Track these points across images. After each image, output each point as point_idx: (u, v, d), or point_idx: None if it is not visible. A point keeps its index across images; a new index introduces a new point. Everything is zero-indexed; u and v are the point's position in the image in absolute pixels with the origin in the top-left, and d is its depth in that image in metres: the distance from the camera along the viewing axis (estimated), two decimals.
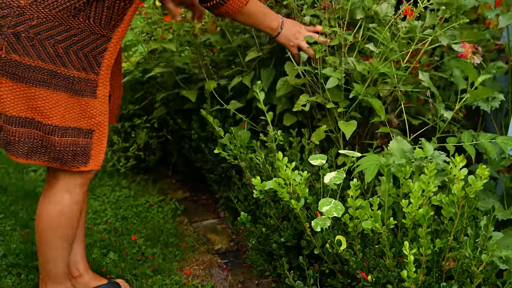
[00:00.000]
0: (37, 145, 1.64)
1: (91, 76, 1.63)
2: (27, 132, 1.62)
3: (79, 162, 1.68)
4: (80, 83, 1.62)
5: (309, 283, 1.58)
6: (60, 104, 1.61)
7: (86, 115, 1.65)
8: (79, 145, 1.67)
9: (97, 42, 1.62)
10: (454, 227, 1.40)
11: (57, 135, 1.63)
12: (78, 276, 1.99)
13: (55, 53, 1.57)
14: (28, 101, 1.59)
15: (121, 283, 2.04)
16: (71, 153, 1.66)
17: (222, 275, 2.17)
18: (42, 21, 1.54)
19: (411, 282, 1.32)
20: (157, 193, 2.77)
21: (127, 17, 1.64)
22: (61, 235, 1.78)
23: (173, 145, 2.81)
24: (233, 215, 2.42)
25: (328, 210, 1.47)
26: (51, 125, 1.62)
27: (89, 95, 1.64)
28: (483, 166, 1.35)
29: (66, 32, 1.57)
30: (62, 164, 1.67)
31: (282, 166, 1.53)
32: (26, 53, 1.55)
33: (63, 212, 1.75)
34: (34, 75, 1.57)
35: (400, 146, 1.67)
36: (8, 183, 2.77)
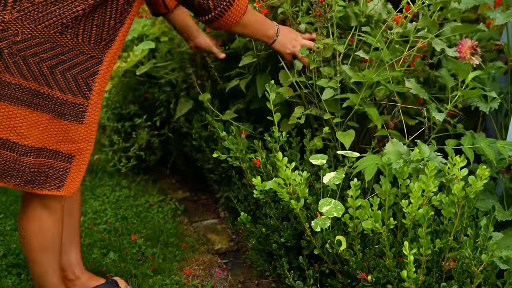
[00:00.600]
0: (8, 168, 1.55)
1: (79, 100, 1.55)
2: (1, 153, 1.53)
3: (51, 186, 1.60)
4: (64, 105, 1.54)
5: (309, 283, 1.58)
6: (39, 124, 1.53)
7: (68, 140, 1.57)
8: (53, 168, 1.59)
9: (87, 64, 1.54)
10: (454, 227, 1.40)
11: (32, 156, 1.55)
12: (75, 279, 1.96)
13: (39, 72, 1.50)
14: (5, 121, 1.50)
15: (119, 281, 2.03)
16: (43, 175, 1.58)
17: (222, 275, 2.17)
18: (27, 37, 1.47)
19: (411, 282, 1.32)
20: (157, 193, 2.77)
21: (118, 38, 1.57)
22: (45, 251, 1.73)
23: (173, 145, 2.81)
24: (233, 215, 2.42)
25: (328, 210, 1.47)
26: (27, 146, 1.54)
27: (74, 120, 1.56)
28: (483, 167, 1.35)
29: (52, 50, 1.49)
30: (33, 187, 1.59)
31: (282, 166, 1.53)
32: (7, 69, 1.47)
33: (46, 231, 1.70)
34: (14, 93, 1.49)
35: (396, 149, 1.67)
36: None
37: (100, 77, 1.57)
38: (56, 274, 1.79)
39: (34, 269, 1.76)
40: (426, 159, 1.59)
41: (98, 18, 1.52)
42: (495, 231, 1.47)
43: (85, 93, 1.55)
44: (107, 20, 1.53)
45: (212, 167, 2.41)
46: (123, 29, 1.57)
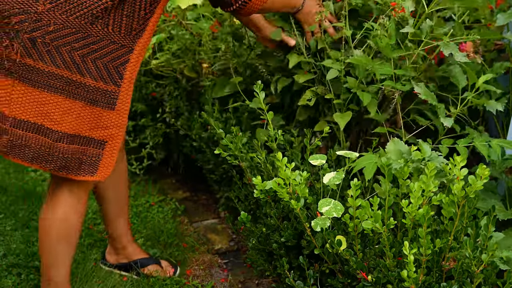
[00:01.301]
0: (43, 153, 1.60)
1: (110, 88, 1.58)
2: (35, 137, 1.58)
3: (85, 171, 1.64)
4: (96, 93, 1.57)
5: (309, 283, 1.58)
6: (72, 111, 1.57)
7: (100, 126, 1.61)
8: (86, 154, 1.63)
9: (118, 53, 1.57)
10: (454, 227, 1.40)
11: (65, 142, 1.59)
12: (121, 248, 2.10)
13: (71, 60, 1.53)
14: (39, 107, 1.56)
15: (163, 263, 2.12)
16: (77, 161, 1.63)
17: (222, 275, 2.17)
18: (59, 27, 1.51)
19: (411, 282, 1.32)
20: (157, 193, 2.77)
21: (149, 27, 1.59)
22: (61, 240, 1.76)
23: (174, 145, 2.81)
24: (234, 215, 2.42)
25: (328, 211, 1.47)
26: (60, 132, 1.58)
27: (106, 106, 1.59)
28: (483, 166, 1.35)
29: (83, 40, 1.53)
30: (68, 173, 1.63)
31: (281, 166, 1.53)
32: (41, 58, 1.52)
33: (60, 214, 1.73)
34: (47, 81, 1.54)
35: (397, 148, 1.67)
36: (8, 183, 2.77)
37: (131, 66, 1.60)
38: (66, 271, 1.82)
39: (46, 259, 1.79)
40: (427, 159, 1.59)
41: (128, 8, 1.55)
42: (496, 231, 1.47)
43: (117, 80, 1.58)
44: (137, 10, 1.56)
45: (212, 167, 2.41)
46: (153, 18, 1.60)
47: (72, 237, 1.78)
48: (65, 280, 1.84)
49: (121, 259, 2.13)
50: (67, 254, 1.80)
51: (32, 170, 2.94)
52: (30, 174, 2.89)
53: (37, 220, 2.45)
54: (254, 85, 1.80)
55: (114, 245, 2.13)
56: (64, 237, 1.76)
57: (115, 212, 2.05)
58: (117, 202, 2.04)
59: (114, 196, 2.03)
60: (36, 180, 2.83)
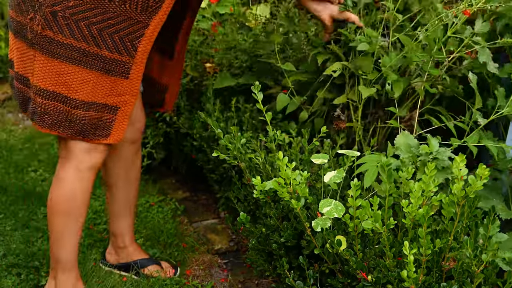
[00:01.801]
0: (62, 119, 1.69)
1: (125, 59, 1.66)
2: (53, 105, 1.67)
3: (100, 135, 1.73)
4: (112, 63, 1.66)
5: (309, 283, 1.58)
6: (89, 80, 1.65)
7: (114, 93, 1.69)
8: (102, 120, 1.72)
9: (134, 27, 1.64)
10: (454, 227, 1.40)
11: (82, 109, 1.68)
12: (123, 247, 2.12)
13: (89, 34, 1.61)
14: (58, 77, 1.65)
15: (163, 264, 2.13)
16: (93, 127, 1.71)
17: (222, 275, 2.17)
18: (79, 3, 1.59)
19: (411, 282, 1.32)
20: (157, 193, 2.77)
21: (164, 5, 1.65)
22: (67, 216, 1.81)
23: (174, 145, 2.81)
24: (233, 215, 2.42)
25: (329, 211, 1.47)
26: (78, 100, 1.67)
27: (121, 75, 1.68)
28: (483, 166, 1.35)
29: (101, 15, 1.60)
30: (84, 137, 1.72)
31: (282, 166, 1.52)
32: (61, 31, 1.61)
33: (70, 195, 1.78)
34: (66, 52, 1.62)
35: (407, 141, 1.67)
36: (8, 183, 2.77)
37: (145, 40, 1.67)
38: (72, 251, 1.86)
39: (53, 234, 1.84)
40: (434, 153, 1.59)
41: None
42: (500, 232, 1.47)
43: (131, 52, 1.67)
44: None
45: (212, 167, 2.41)
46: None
47: (79, 214, 1.82)
48: (72, 260, 1.87)
49: (121, 259, 2.13)
50: (73, 232, 1.84)
51: (32, 170, 2.94)
52: (30, 174, 2.89)
53: (37, 220, 2.45)
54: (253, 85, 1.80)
55: (116, 244, 2.13)
56: (71, 213, 1.80)
57: (122, 209, 2.08)
58: (128, 196, 2.07)
59: (127, 190, 2.07)
60: (36, 180, 2.83)
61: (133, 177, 2.07)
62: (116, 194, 2.08)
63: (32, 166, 2.99)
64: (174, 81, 2.02)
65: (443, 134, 1.87)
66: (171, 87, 2.03)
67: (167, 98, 2.05)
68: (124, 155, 2.02)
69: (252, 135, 2.03)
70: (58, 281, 1.88)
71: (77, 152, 1.75)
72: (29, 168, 2.97)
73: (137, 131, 2.00)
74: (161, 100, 2.06)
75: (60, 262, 1.86)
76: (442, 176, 1.62)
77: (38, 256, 2.18)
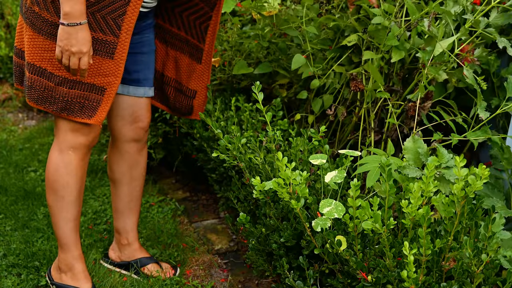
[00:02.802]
0: (47, 95, 1.73)
1: (109, 38, 1.69)
2: (39, 80, 1.72)
3: (85, 114, 1.76)
4: (96, 43, 1.69)
5: (309, 283, 1.58)
6: None
7: (100, 73, 1.72)
8: (89, 99, 1.75)
9: (115, 5, 1.67)
10: (454, 227, 1.40)
11: (66, 86, 1.72)
12: (126, 244, 2.14)
13: None
14: (43, 52, 1.70)
15: (163, 265, 2.14)
16: (78, 105, 1.75)
17: (222, 275, 2.17)
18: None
19: (411, 282, 1.32)
20: (157, 193, 2.77)
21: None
22: (54, 195, 1.87)
23: (174, 145, 2.81)
24: (233, 215, 2.42)
25: (329, 212, 1.47)
26: (61, 77, 1.71)
27: (105, 55, 1.71)
28: (483, 166, 1.35)
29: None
30: (68, 114, 1.75)
31: (281, 166, 1.52)
32: (46, 8, 1.66)
33: (54, 172, 1.85)
34: (50, 29, 1.67)
35: (416, 146, 1.64)
36: (8, 183, 2.77)
37: (128, 17, 1.70)
38: (69, 232, 1.91)
39: (51, 216, 1.92)
40: (443, 165, 1.57)
41: None
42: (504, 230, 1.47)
43: (115, 31, 1.69)
44: None
45: (212, 167, 2.41)
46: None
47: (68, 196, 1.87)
48: (67, 239, 1.92)
49: (124, 256, 2.14)
50: (62, 210, 1.88)
51: (32, 170, 2.94)
52: (30, 174, 2.89)
53: (37, 220, 2.45)
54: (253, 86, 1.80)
55: (119, 241, 2.14)
56: (59, 194, 1.86)
57: (126, 206, 2.10)
58: (129, 195, 2.09)
59: (130, 188, 2.08)
60: (36, 180, 2.83)
61: (136, 175, 2.08)
62: (120, 190, 2.09)
63: (32, 166, 2.99)
64: (202, 87, 2.04)
65: (447, 127, 1.87)
66: (199, 93, 2.05)
67: (195, 104, 2.07)
68: (127, 153, 2.04)
69: (252, 134, 2.03)
70: (59, 256, 1.96)
71: (62, 130, 1.81)
72: (29, 168, 2.97)
73: (140, 130, 2.01)
74: (189, 107, 2.08)
75: (58, 239, 1.94)
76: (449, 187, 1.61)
77: (38, 256, 2.18)
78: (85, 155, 1.87)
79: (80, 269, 1.95)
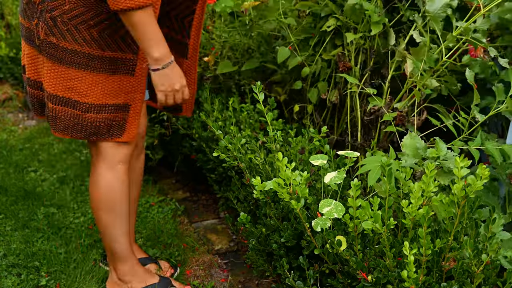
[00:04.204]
0: (73, 123, 1.71)
1: (129, 56, 1.67)
2: (64, 110, 1.69)
3: (114, 134, 1.75)
4: (117, 62, 1.66)
5: (309, 283, 1.58)
6: (98, 83, 1.67)
7: (123, 91, 1.71)
8: (115, 120, 1.74)
9: None
10: (454, 227, 1.40)
11: (93, 112, 1.70)
12: None
13: (90, 37, 1.62)
14: (66, 82, 1.66)
15: (163, 264, 2.14)
16: (106, 127, 1.74)
17: (222, 275, 2.17)
18: (73, 6, 1.59)
19: (411, 282, 1.32)
20: (157, 193, 2.77)
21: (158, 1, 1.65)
22: (111, 212, 1.85)
23: (174, 145, 2.81)
24: (233, 215, 2.41)
25: (329, 212, 1.47)
26: (88, 103, 1.68)
27: (126, 73, 1.69)
28: (483, 166, 1.35)
29: (97, 17, 1.61)
30: (97, 138, 1.75)
31: (282, 167, 1.52)
32: (63, 37, 1.61)
33: (108, 190, 1.82)
34: (72, 58, 1.63)
35: (414, 142, 1.65)
36: (8, 183, 2.77)
37: None
38: (125, 241, 1.91)
39: (101, 229, 1.90)
40: (442, 158, 1.58)
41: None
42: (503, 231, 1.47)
43: (134, 48, 1.67)
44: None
45: (212, 167, 2.41)
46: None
47: (122, 208, 1.87)
48: (127, 250, 1.92)
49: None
50: (120, 225, 1.88)
51: (32, 171, 2.94)
52: (30, 175, 2.89)
53: (37, 220, 2.45)
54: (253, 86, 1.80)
55: None
56: (113, 209, 1.85)
57: None
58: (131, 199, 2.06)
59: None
60: (36, 180, 2.83)
61: (134, 179, 2.07)
62: None
63: (32, 166, 2.99)
64: (191, 82, 2.01)
65: (439, 131, 1.87)
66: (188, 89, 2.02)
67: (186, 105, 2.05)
68: None
69: (249, 134, 2.03)
70: (118, 271, 1.94)
71: (107, 148, 1.78)
72: (29, 168, 2.97)
73: (137, 136, 2.00)
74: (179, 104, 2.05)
75: (115, 253, 1.92)
76: (448, 178, 1.61)
77: (38, 256, 2.18)
78: (129, 164, 1.87)
79: (142, 270, 1.98)
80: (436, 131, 1.88)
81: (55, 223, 2.42)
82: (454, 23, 1.79)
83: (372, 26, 1.93)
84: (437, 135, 1.84)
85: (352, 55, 2.03)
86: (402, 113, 1.91)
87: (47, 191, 2.71)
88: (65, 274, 2.10)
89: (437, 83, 1.87)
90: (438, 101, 2.02)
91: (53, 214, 2.51)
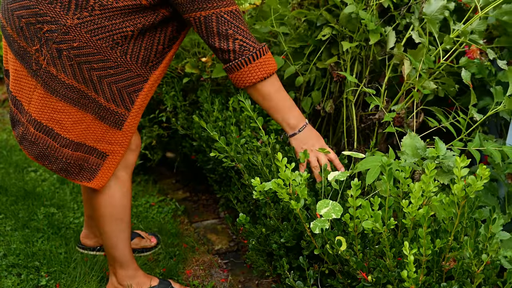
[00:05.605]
0: (49, 153, 1.69)
1: (121, 110, 1.67)
2: (44, 139, 1.67)
3: (83, 177, 1.75)
4: (106, 112, 1.66)
5: (309, 284, 1.58)
6: (83, 122, 1.66)
7: (105, 140, 1.71)
8: (88, 162, 1.73)
9: (133, 80, 1.64)
10: (454, 227, 1.40)
11: (71, 149, 1.69)
12: None
13: (89, 78, 1.61)
14: (53, 113, 1.64)
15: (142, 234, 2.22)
16: (78, 167, 1.73)
17: (222, 275, 2.17)
18: (83, 45, 1.57)
19: (411, 282, 1.32)
20: (157, 193, 2.77)
21: (165, 61, 1.67)
22: (115, 221, 1.86)
23: (174, 145, 2.81)
24: (233, 215, 2.42)
25: (327, 212, 1.47)
26: (68, 139, 1.67)
27: (114, 125, 1.69)
28: (483, 167, 1.35)
29: (103, 62, 1.59)
30: (66, 176, 1.74)
31: (281, 167, 1.52)
32: (64, 70, 1.59)
33: (106, 198, 1.83)
34: (66, 92, 1.61)
35: (413, 142, 1.66)
36: (8, 183, 2.77)
37: (143, 94, 1.68)
38: (126, 248, 1.93)
39: (106, 240, 1.90)
40: (441, 157, 1.58)
41: (147, 41, 1.62)
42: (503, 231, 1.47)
43: (128, 105, 1.68)
44: (155, 44, 1.63)
45: (212, 167, 2.41)
46: (171, 53, 1.68)
47: (126, 216, 1.88)
48: (127, 255, 1.93)
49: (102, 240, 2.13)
50: (121, 232, 1.89)
51: (32, 171, 2.94)
52: (30, 175, 2.89)
53: (37, 220, 2.45)
54: None
55: (93, 226, 2.16)
56: (118, 218, 1.86)
57: None
58: None
59: None
60: (36, 181, 2.83)
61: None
62: None
63: (32, 166, 2.99)
64: None
65: (437, 132, 1.87)
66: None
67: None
68: None
69: (249, 134, 2.03)
70: (118, 275, 1.95)
71: None
72: (29, 168, 2.97)
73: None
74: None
75: (116, 259, 1.92)
76: (447, 178, 1.62)
77: (38, 256, 2.18)
78: (132, 170, 1.87)
79: (142, 273, 1.98)
80: (433, 133, 1.88)
81: (55, 223, 2.43)
82: (452, 26, 1.79)
83: (370, 35, 1.91)
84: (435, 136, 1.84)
85: (348, 64, 2.02)
86: (400, 115, 1.91)
87: (47, 191, 2.71)
88: (65, 274, 2.10)
89: (435, 86, 1.87)
90: (435, 103, 2.02)
91: (53, 214, 2.51)
